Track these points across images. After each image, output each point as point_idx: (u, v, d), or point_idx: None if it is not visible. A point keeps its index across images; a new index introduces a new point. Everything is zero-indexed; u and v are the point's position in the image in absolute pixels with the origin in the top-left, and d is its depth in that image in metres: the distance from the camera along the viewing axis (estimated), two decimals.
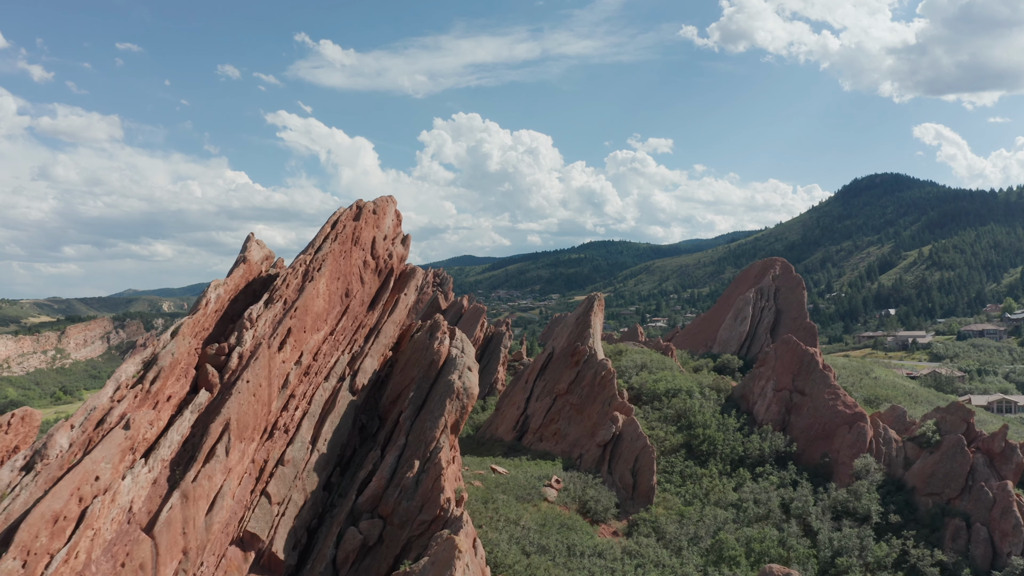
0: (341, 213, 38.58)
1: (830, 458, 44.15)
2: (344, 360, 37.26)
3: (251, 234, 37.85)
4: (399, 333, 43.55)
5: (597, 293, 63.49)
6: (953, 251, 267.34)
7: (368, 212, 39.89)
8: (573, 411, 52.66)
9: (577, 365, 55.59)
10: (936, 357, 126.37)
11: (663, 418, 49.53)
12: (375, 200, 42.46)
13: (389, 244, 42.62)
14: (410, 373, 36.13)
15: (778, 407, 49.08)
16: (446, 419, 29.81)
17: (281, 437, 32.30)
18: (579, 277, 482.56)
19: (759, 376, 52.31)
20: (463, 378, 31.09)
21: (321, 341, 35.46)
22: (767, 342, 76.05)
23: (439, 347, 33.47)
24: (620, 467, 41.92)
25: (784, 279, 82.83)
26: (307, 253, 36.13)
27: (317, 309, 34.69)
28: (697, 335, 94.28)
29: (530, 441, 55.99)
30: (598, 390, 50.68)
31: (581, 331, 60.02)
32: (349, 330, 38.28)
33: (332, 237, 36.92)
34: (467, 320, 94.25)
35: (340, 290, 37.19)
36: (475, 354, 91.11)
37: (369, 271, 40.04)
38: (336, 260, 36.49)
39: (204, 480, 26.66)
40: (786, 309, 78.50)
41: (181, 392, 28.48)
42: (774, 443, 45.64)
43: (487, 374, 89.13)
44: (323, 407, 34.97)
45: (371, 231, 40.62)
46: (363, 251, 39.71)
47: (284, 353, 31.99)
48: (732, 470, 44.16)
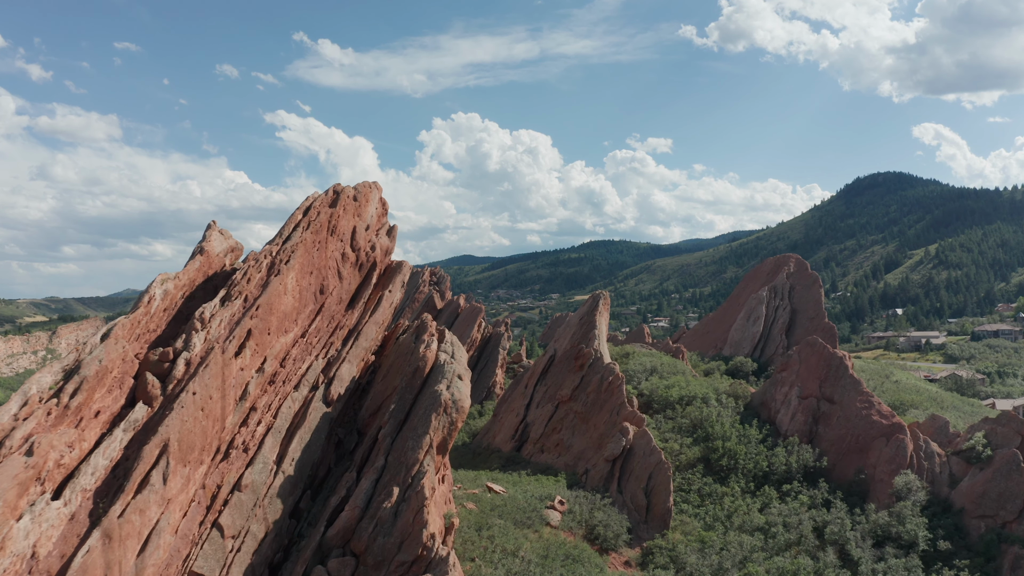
0: (315, 198, 33.93)
1: (866, 475, 39.51)
2: (318, 366, 32.63)
3: (212, 222, 33.25)
4: (383, 335, 38.90)
5: (602, 291, 58.86)
6: (960, 250, 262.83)
7: (347, 198, 35.25)
8: (577, 420, 48.01)
9: (581, 369, 50.95)
10: (951, 358, 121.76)
11: (677, 429, 44.86)
12: (356, 185, 37.82)
13: (372, 235, 37.97)
14: (393, 381, 31.52)
15: (804, 416, 44.43)
16: (431, 437, 25.22)
17: (239, 457, 27.66)
18: (579, 277, 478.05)
19: (781, 382, 47.66)
20: (452, 388, 26.49)
21: (290, 344, 30.84)
22: (782, 343, 71.46)
23: (425, 352, 28.85)
24: (631, 486, 37.28)
25: (799, 276, 78.22)
26: (274, 243, 31.52)
27: (285, 308, 30.06)
28: (705, 336, 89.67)
29: (530, 452, 51.33)
30: (605, 397, 46.03)
31: (585, 332, 55.38)
32: (324, 332, 33.65)
33: (304, 225, 32.29)
34: (463, 320, 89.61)
35: (313, 286, 32.56)
36: (472, 356, 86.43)
37: (348, 265, 35.40)
38: (308, 252, 31.86)
39: (134, 515, 21.98)
40: (802, 308, 73.90)
41: (114, 407, 23.83)
42: (802, 457, 40.99)
43: (485, 377, 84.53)
44: (291, 421, 30.35)
45: (351, 220, 35.98)
46: (341, 242, 35.08)
47: (243, 359, 27.35)
48: (756, 488, 39.49)
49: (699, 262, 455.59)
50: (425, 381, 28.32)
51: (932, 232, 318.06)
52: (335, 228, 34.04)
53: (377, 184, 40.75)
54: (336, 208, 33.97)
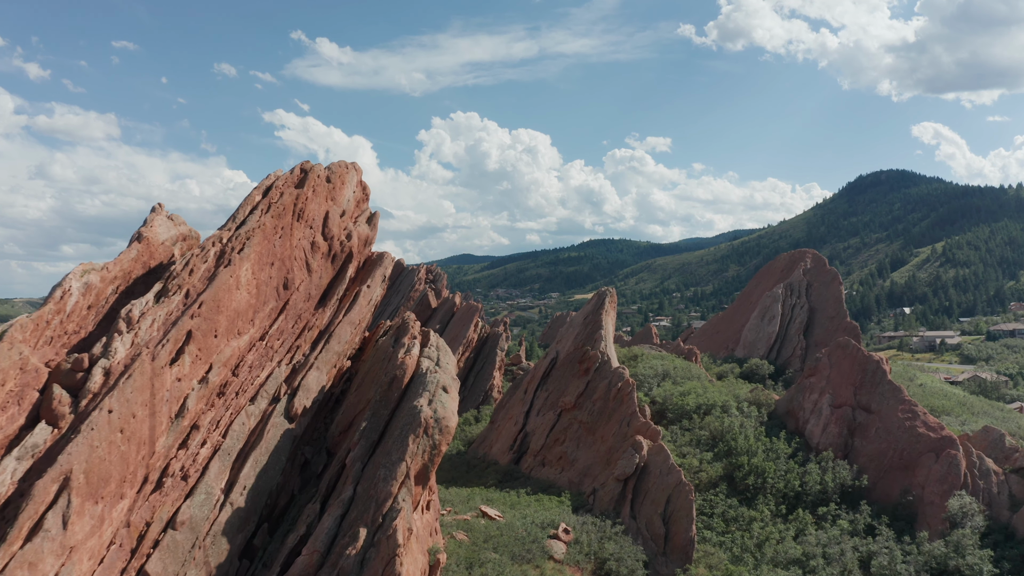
0: (277, 177, 29.03)
1: (913, 496, 34.64)
2: (280, 374, 27.74)
3: (157, 205, 28.31)
4: (362, 337, 34.01)
5: (608, 288, 54.01)
6: (967, 248, 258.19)
7: (317, 179, 30.34)
8: (583, 431, 43.13)
9: (587, 374, 46.08)
10: (968, 359, 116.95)
11: (695, 442, 39.95)
12: (330, 165, 32.92)
13: (348, 222, 33.08)
14: (367, 393, 26.65)
15: (838, 428, 39.55)
16: (408, 465, 20.39)
17: (175, 487, 22.77)
18: (579, 275, 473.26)
19: (810, 388, 42.78)
20: (435, 403, 21.64)
21: (245, 349, 25.93)
22: (800, 344, 66.60)
23: (404, 358, 23.95)
24: (647, 510, 32.40)
25: (816, 272, 73.34)
26: (226, 228, 26.63)
27: (237, 305, 25.15)
28: (714, 336, 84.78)
29: (530, 465, 46.46)
30: (614, 406, 41.16)
31: (591, 333, 50.51)
32: (289, 334, 28.76)
33: (263, 208, 27.37)
34: (459, 319, 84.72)
35: (275, 280, 27.66)
36: (468, 358, 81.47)
37: (319, 256, 30.53)
38: (268, 239, 26.96)
39: (20, 570, 17.18)
40: (821, 306, 69.02)
41: (9, 428, 18.91)
42: (838, 475, 36.10)
43: (481, 380, 79.65)
44: (245, 440, 25.46)
45: (322, 204, 31.10)
46: (311, 229, 30.20)
47: (180, 367, 22.46)
48: (788, 511, 34.61)
49: (700, 261, 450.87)
50: (403, 394, 23.43)
51: (937, 230, 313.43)
52: (302, 212, 29.16)
53: (356, 165, 35.85)
54: (304, 189, 29.08)
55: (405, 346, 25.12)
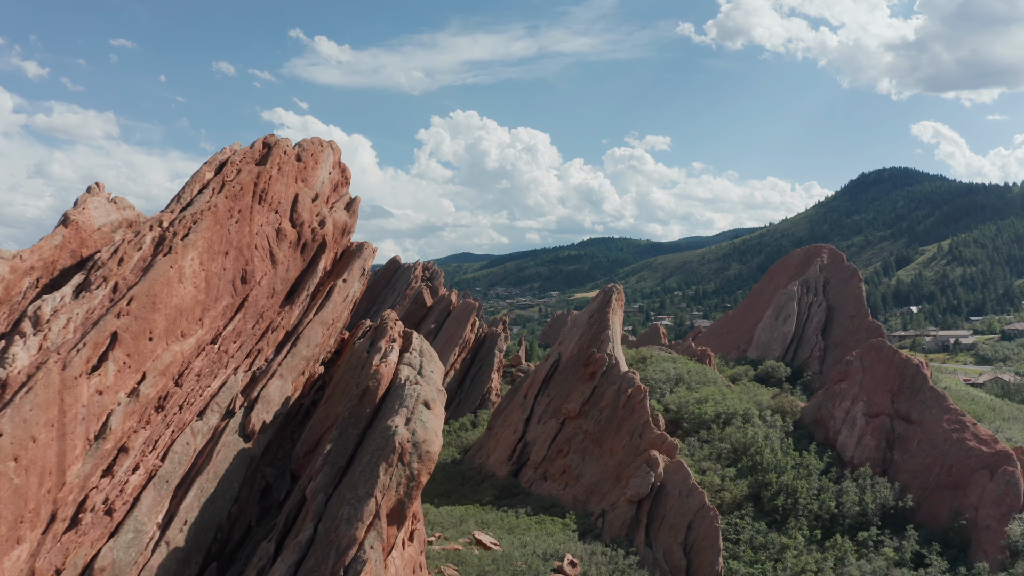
0: (234, 151, 24.83)
1: (967, 519, 30.49)
2: (236, 383, 23.55)
3: (94, 184, 24.14)
4: (338, 340, 29.84)
5: (615, 285, 49.84)
6: (974, 245, 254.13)
7: (284, 156, 26.13)
8: (588, 442, 38.99)
9: (592, 378, 41.92)
10: (984, 360, 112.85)
11: (715, 455, 35.76)
12: (301, 142, 28.72)
13: (322, 207, 28.89)
14: (336, 407, 22.49)
15: (875, 440, 35.40)
16: (378, 502, 16.27)
17: (96, 524, 18.57)
18: (579, 274, 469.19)
19: (840, 395, 38.62)
20: (415, 423, 17.52)
21: (192, 354, 21.72)
22: (819, 345, 62.45)
23: (379, 365, 19.78)
24: (664, 538, 28.23)
25: (834, 269, 69.17)
26: (167, 210, 22.49)
27: (180, 301, 20.93)
28: (724, 336, 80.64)
29: (530, 479, 42.31)
30: (624, 415, 37.01)
31: (596, 333, 46.34)
32: (248, 335, 24.57)
33: (216, 187, 23.13)
34: (455, 319, 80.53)
35: (231, 272, 23.46)
36: (464, 359, 77.18)
37: (286, 245, 26.33)
38: (221, 223, 22.75)
39: None
40: (839, 305, 64.86)
41: None
42: (879, 495, 31.94)
43: (479, 383, 75.51)
44: (190, 464, 21.27)
45: (290, 186, 26.90)
46: (276, 214, 26.00)
47: (102, 377, 18.23)
48: (824, 536, 30.42)
49: (701, 259, 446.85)
50: (377, 410, 19.27)
51: (942, 228, 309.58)
52: (265, 194, 24.95)
53: (333, 144, 31.65)
54: (267, 167, 24.85)
55: (382, 350, 20.92)
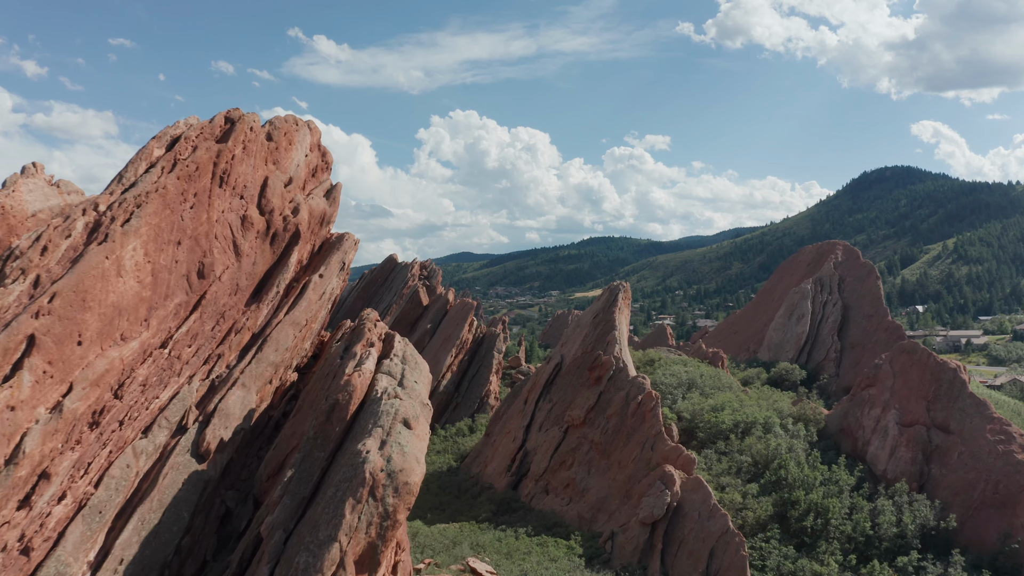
0: (189, 125, 21.60)
1: (1019, 542, 27.27)
2: (190, 394, 20.32)
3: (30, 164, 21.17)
4: (315, 343, 26.63)
5: (621, 282, 46.63)
6: (980, 244, 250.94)
7: (251, 133, 22.89)
8: (595, 453, 35.78)
9: (598, 383, 38.72)
10: (997, 360, 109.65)
11: (735, 469, 32.54)
12: (273, 119, 25.51)
13: (297, 193, 25.65)
14: (301, 425, 19.26)
15: (910, 452, 32.18)
16: (342, 547, 13.03)
17: (9, 567, 15.43)
18: (579, 273, 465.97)
19: (869, 402, 35.40)
20: (391, 447, 14.32)
21: (135, 360, 18.47)
22: (834, 346, 59.23)
23: (351, 375, 16.59)
24: (683, 566, 25.02)
25: (849, 266, 65.95)
26: (106, 192, 19.29)
27: (119, 298, 17.67)
28: (732, 337, 77.40)
29: (531, 492, 39.10)
30: (633, 424, 33.80)
31: (602, 334, 43.12)
32: (206, 338, 21.34)
33: (166, 166, 19.89)
34: (452, 318, 77.26)
35: (185, 265, 20.23)
36: (462, 360, 73.87)
37: (253, 235, 23.10)
38: (171, 208, 19.51)
39: None
40: (856, 304, 61.65)
41: None
42: (919, 514, 28.73)
43: (477, 385, 72.29)
44: (129, 492, 18.06)
45: (259, 168, 23.67)
46: (241, 200, 22.76)
47: (14, 390, 15.06)
48: (859, 561, 27.22)
49: (702, 258, 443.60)
50: (348, 429, 16.07)
51: (946, 226, 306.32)
52: (227, 176, 21.71)
53: (312, 124, 28.43)
54: (229, 145, 21.59)
55: (357, 357, 17.69)
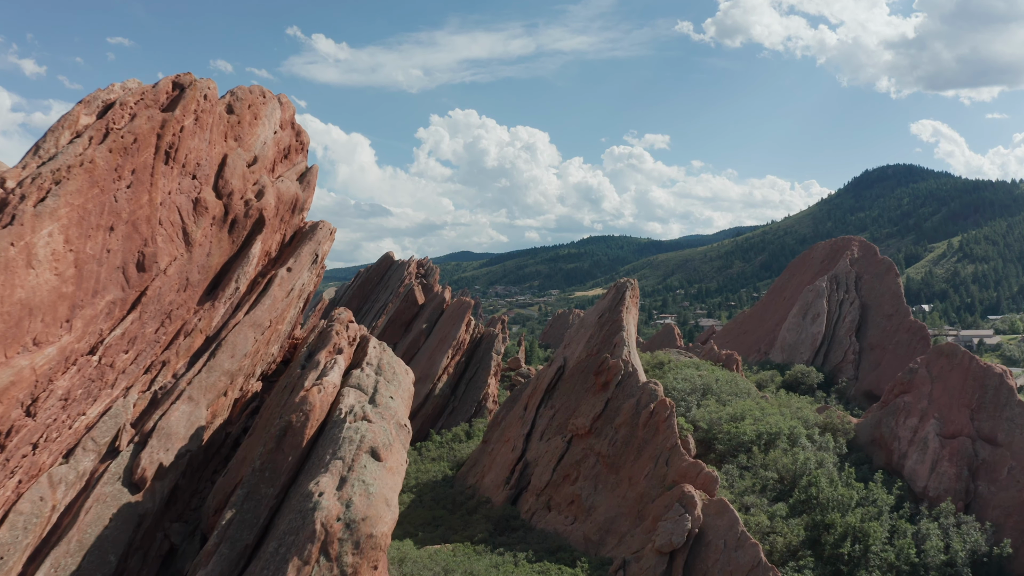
0: (126, 90, 18.30)
1: None
2: (124, 410, 17.03)
3: None
4: (287, 347, 23.35)
5: (628, 279, 43.36)
6: (985, 242, 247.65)
7: (204, 102, 19.56)
8: (602, 467, 32.51)
9: (605, 389, 35.44)
10: (1011, 361, 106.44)
11: (759, 487, 29.24)
12: (235, 90, 22.22)
13: (263, 174, 22.36)
14: (253, 450, 15.95)
15: (954, 467, 28.89)
16: None
17: None
18: (579, 272, 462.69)
19: (904, 410, 32.13)
20: (351, 487, 11.03)
21: (53, 369, 15.15)
22: (852, 347, 55.97)
23: (310, 391, 13.34)
24: None
25: (866, 263, 62.67)
26: (18, 166, 16.02)
27: (28, 294, 14.33)
28: (742, 337, 74.12)
29: (531, 508, 35.82)
30: (645, 435, 30.53)
31: (608, 335, 39.84)
32: (148, 343, 18.02)
33: (96, 137, 16.59)
34: (449, 317, 73.98)
35: (119, 255, 16.92)
36: (459, 362, 70.46)
37: (208, 221, 19.78)
38: (101, 187, 16.19)
39: None
40: (874, 303, 58.39)
41: None
42: (968, 539, 25.46)
43: (474, 388, 69.06)
44: (43, 530, 14.78)
45: (216, 144, 20.36)
46: (193, 180, 19.44)
47: None
48: None
49: (703, 257, 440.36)
50: (305, 458, 12.84)
51: (950, 225, 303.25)
52: (175, 151, 18.39)
53: (283, 98, 25.13)
54: (176, 114, 18.26)
55: (320, 367, 14.42)
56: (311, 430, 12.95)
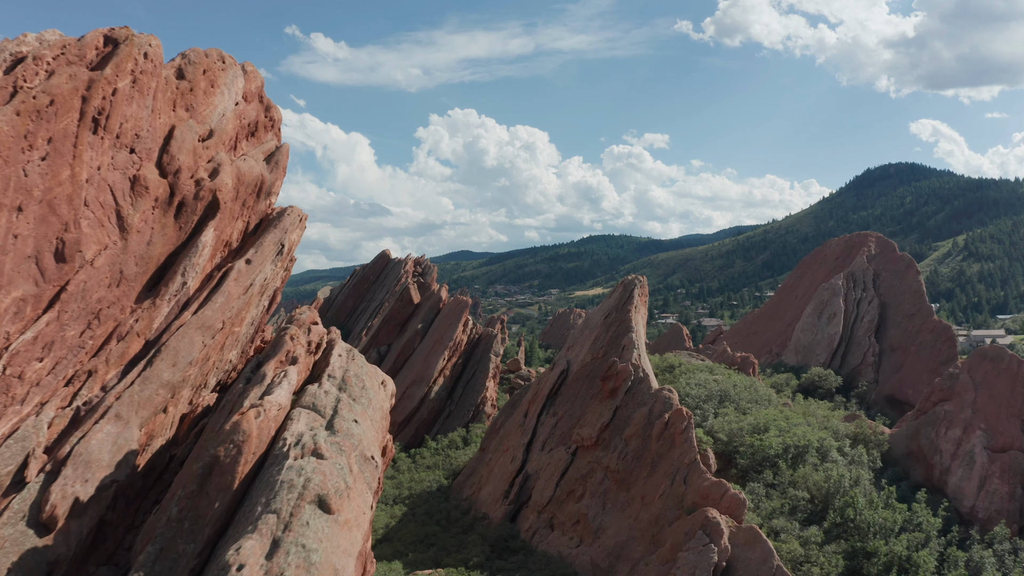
0: (42, 42, 15.19)
1: None
2: (37, 431, 13.91)
3: None
4: (247, 353, 20.20)
5: (637, 276, 40.30)
6: (991, 241, 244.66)
7: (143, 60, 16.33)
8: (611, 483, 29.42)
9: (614, 396, 32.34)
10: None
11: (789, 508, 26.10)
12: (187, 52, 19.10)
13: (219, 152, 19.23)
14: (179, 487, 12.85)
15: (1006, 485, 25.82)
16: None
17: None
18: (579, 272, 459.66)
19: (946, 420, 29.05)
20: (287, 555, 8.02)
21: None
22: (872, 348, 52.89)
23: (244, 415, 10.29)
24: None
25: (885, 259, 59.60)
26: None
27: None
28: (751, 337, 71.02)
29: (532, 526, 32.73)
30: (660, 449, 27.45)
31: (616, 337, 36.75)
32: (70, 348, 14.81)
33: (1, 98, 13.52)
34: (445, 317, 70.87)
35: (31, 242, 13.62)
36: (456, 364, 67.27)
37: (148, 203, 16.58)
38: (3, 157, 13.06)
39: None
40: (894, 301, 55.30)
41: None
42: None
43: (472, 391, 65.94)
44: None
45: (161, 113, 17.17)
46: (129, 154, 16.20)
47: None
48: None
49: (704, 256, 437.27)
50: (239, 505, 9.79)
51: (954, 223, 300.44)
52: (105, 118, 15.22)
53: (248, 66, 22.03)
54: (107, 74, 15.09)
55: (265, 382, 11.34)
56: (245, 466, 9.86)
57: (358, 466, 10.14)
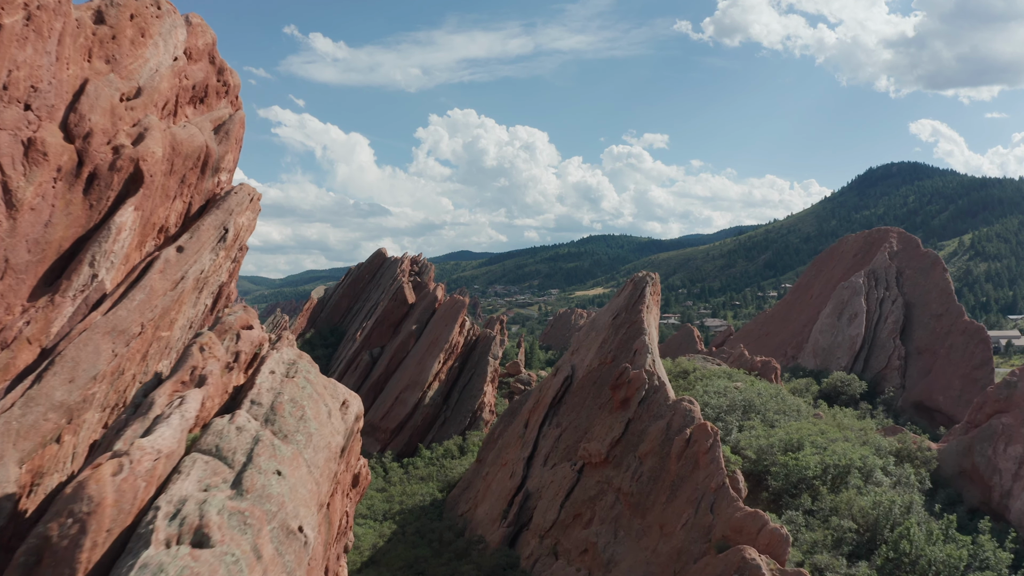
0: None
1: None
2: None
3: None
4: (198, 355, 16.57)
5: (649, 273, 36.83)
6: (997, 240, 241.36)
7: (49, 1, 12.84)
8: (624, 508, 25.90)
9: (625, 408, 28.79)
10: None
11: (832, 541, 22.55)
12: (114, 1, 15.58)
13: (148, 115, 15.69)
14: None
15: None
16: None
17: None
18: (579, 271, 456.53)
19: (1004, 435, 25.53)
20: None
21: None
22: (897, 351, 49.38)
23: (93, 476, 6.82)
24: None
25: (908, 257, 56.06)
26: None
27: None
28: (763, 339, 67.49)
29: (533, 553, 29.19)
30: (682, 471, 23.94)
31: (626, 340, 33.22)
32: None
33: None
34: (441, 318, 67.33)
35: None
36: (452, 367, 63.48)
37: (48, 174, 12.85)
38: None
39: None
40: (920, 301, 51.78)
41: None
42: None
43: (468, 396, 62.40)
44: None
45: (69, 62, 13.43)
46: (23, 111, 12.54)
47: None
48: None
49: (705, 256, 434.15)
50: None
51: (959, 222, 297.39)
52: None
53: (196, 18, 18.46)
54: None
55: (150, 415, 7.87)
56: (93, 552, 6.36)
57: (274, 547, 6.66)
